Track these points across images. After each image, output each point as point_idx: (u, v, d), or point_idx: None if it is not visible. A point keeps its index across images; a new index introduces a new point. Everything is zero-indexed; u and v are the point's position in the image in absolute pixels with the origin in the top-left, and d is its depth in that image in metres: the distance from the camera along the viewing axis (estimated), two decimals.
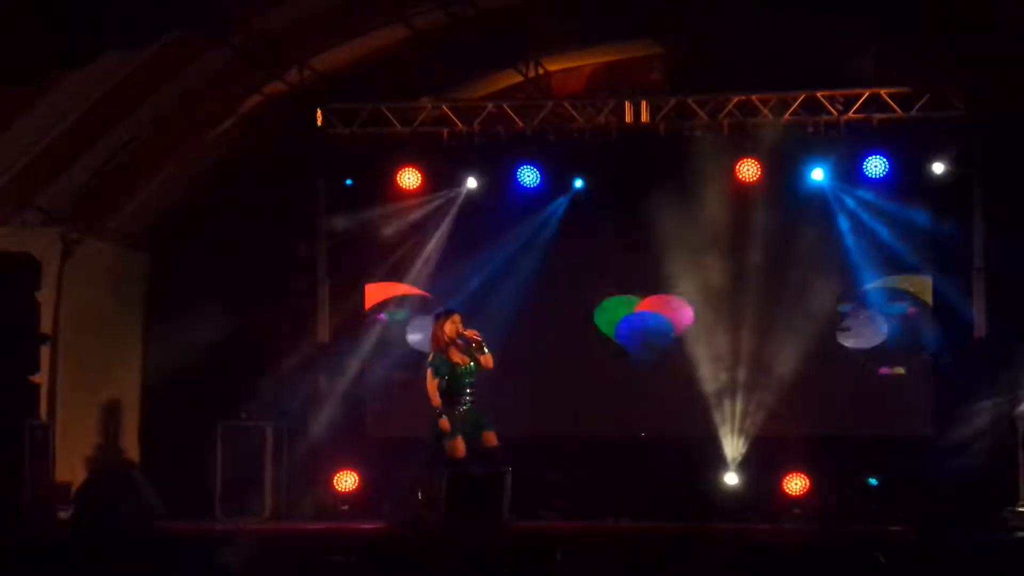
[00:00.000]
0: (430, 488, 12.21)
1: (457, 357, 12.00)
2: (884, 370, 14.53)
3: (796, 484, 13.93)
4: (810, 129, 14.29)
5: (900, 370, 14.51)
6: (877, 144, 14.28)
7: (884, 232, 14.39)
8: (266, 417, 14.40)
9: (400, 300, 15.12)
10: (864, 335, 14.57)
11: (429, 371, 11.97)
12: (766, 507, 13.73)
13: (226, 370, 14.69)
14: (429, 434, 11.96)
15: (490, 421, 12.07)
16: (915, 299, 14.53)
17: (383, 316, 15.08)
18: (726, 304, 14.50)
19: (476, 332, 12.04)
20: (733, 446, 14.27)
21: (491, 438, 12.01)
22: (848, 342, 14.58)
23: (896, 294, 14.56)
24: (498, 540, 10.65)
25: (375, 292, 15.15)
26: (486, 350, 11.98)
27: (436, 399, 11.90)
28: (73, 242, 13.98)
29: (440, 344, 11.99)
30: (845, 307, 14.60)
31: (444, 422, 11.85)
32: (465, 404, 11.98)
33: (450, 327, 12.01)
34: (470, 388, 12.01)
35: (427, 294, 14.93)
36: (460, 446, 11.89)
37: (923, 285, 14.49)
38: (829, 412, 14.36)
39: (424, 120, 14.77)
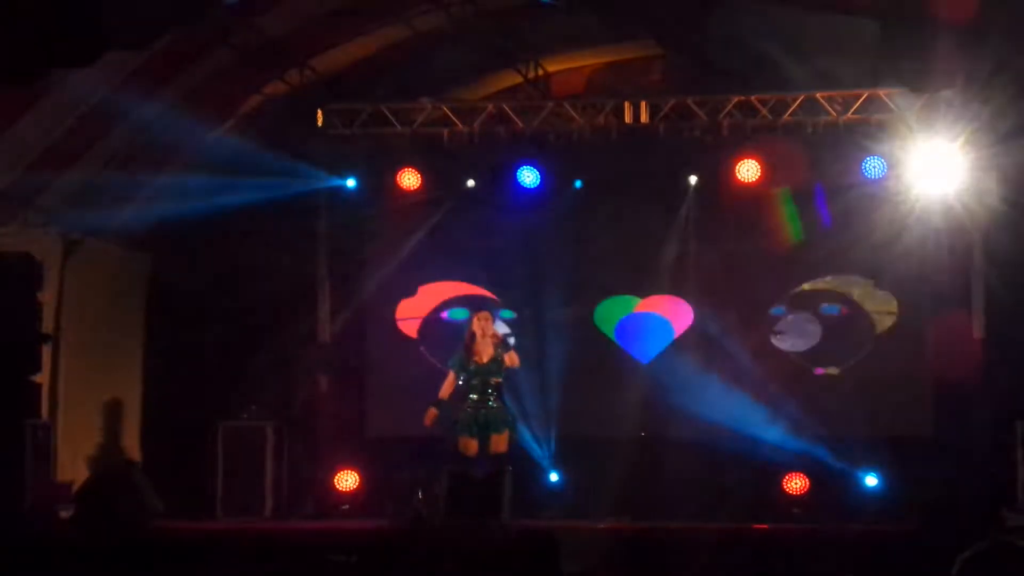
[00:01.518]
0: (430, 488, 12.24)
1: (479, 356, 12.00)
2: (819, 371, 14.56)
3: (796, 484, 13.93)
4: (810, 129, 14.29)
5: (835, 371, 14.54)
6: (877, 145, 14.28)
7: (884, 232, 14.39)
8: (266, 417, 14.43)
9: (462, 299, 15.09)
10: (797, 337, 14.61)
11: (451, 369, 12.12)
12: (766, 507, 13.72)
13: (226, 370, 14.70)
14: (442, 428, 12.03)
15: (503, 424, 12.06)
16: (848, 301, 14.58)
17: (445, 315, 15.06)
18: (726, 303, 14.52)
19: (496, 331, 12.12)
20: (731, 445, 14.26)
21: (499, 443, 11.99)
22: (782, 344, 14.61)
23: (828, 296, 14.60)
24: (498, 540, 10.66)
25: (436, 291, 15.13)
26: (509, 348, 12.06)
27: (443, 392, 12.02)
28: (74, 242, 13.99)
29: (466, 341, 12.03)
30: (778, 309, 14.65)
31: (432, 412, 11.90)
32: (479, 403, 11.96)
33: (476, 324, 12.06)
34: (488, 389, 12.01)
35: (490, 293, 14.95)
36: (471, 445, 11.92)
37: (863, 286, 14.55)
38: (829, 411, 14.36)
39: (424, 120, 14.76)
